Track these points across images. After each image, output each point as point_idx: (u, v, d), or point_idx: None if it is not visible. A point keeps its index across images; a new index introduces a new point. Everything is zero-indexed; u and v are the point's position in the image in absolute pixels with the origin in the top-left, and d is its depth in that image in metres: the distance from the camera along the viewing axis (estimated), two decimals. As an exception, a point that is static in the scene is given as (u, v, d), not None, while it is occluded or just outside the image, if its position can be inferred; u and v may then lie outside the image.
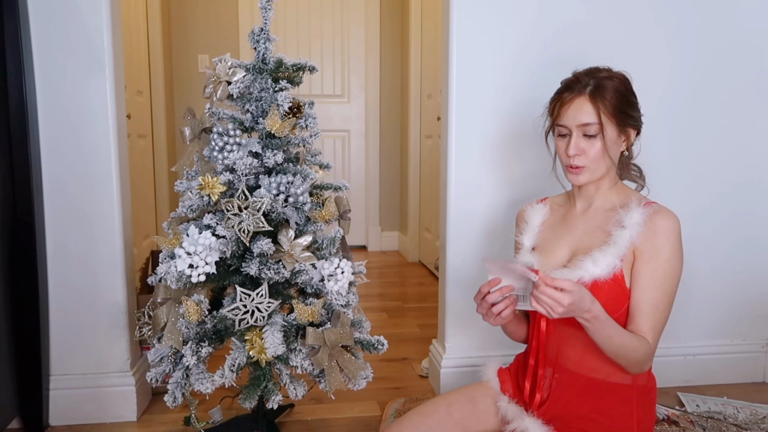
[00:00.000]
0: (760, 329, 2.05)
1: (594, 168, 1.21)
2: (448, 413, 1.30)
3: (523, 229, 1.36)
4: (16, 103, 1.55)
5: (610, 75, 1.21)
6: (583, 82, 1.20)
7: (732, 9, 1.90)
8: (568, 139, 1.22)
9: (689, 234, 1.96)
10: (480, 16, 1.78)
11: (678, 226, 1.18)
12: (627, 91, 1.22)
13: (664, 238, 1.16)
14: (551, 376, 1.24)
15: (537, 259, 1.28)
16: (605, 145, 1.19)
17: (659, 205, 1.21)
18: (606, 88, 1.18)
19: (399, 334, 2.53)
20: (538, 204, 1.38)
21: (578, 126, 1.19)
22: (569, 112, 1.20)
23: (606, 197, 1.27)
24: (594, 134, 1.19)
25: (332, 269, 1.36)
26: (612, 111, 1.18)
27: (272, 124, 1.35)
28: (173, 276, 1.28)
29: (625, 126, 1.21)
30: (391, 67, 4.23)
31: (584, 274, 1.17)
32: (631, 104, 1.22)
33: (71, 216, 1.68)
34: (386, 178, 4.34)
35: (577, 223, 1.29)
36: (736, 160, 1.96)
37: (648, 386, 1.25)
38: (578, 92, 1.19)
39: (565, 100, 1.21)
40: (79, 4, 1.62)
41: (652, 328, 1.17)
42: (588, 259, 1.18)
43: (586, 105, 1.18)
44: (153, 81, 3.44)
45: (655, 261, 1.16)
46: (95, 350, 1.73)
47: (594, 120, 1.18)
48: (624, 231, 1.17)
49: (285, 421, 1.76)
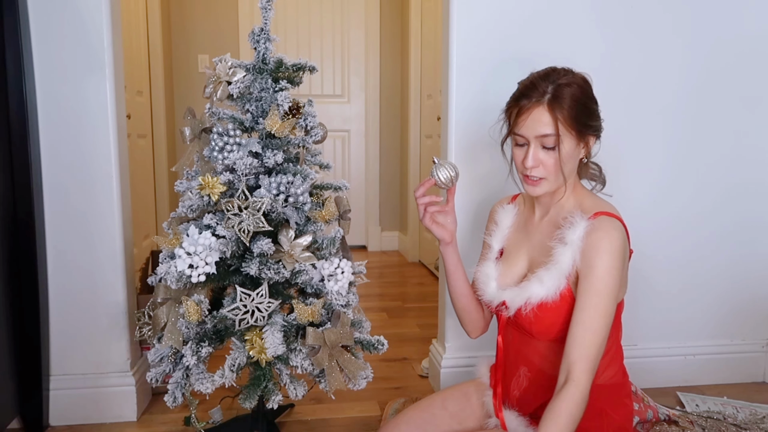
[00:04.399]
0: (760, 329, 2.05)
1: (552, 179, 1.18)
2: (443, 407, 1.36)
3: (492, 231, 1.36)
4: (16, 103, 1.55)
5: (568, 81, 1.14)
6: (541, 88, 1.14)
7: (740, 12, 1.90)
8: (526, 149, 1.17)
9: (693, 236, 2.00)
10: (480, 15, 1.78)
11: (618, 241, 1.11)
12: (586, 99, 1.16)
13: (597, 256, 1.10)
14: (525, 374, 1.27)
15: (500, 268, 1.29)
16: (561, 158, 1.15)
17: (603, 218, 1.14)
18: (564, 97, 1.13)
19: (399, 334, 2.53)
20: (508, 204, 1.38)
21: (536, 137, 1.14)
22: (527, 122, 1.14)
23: (561, 206, 1.24)
24: (552, 146, 1.14)
25: (332, 269, 1.36)
26: (570, 123, 1.13)
27: (272, 124, 1.35)
28: (173, 276, 1.28)
29: (584, 134, 1.17)
30: (391, 67, 4.23)
31: (531, 296, 1.17)
32: (590, 113, 1.17)
33: (71, 216, 1.68)
34: (386, 178, 4.34)
35: (534, 232, 1.28)
36: (740, 163, 1.97)
37: (616, 383, 1.24)
38: (536, 101, 1.13)
39: (522, 109, 1.15)
40: (79, 4, 1.61)
41: (581, 357, 1.09)
42: (534, 279, 1.18)
43: (545, 116, 1.13)
44: (153, 81, 3.44)
45: (588, 279, 1.11)
46: (95, 350, 1.73)
47: (552, 131, 1.13)
48: (566, 248, 1.14)
49: (285, 421, 1.76)
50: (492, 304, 1.27)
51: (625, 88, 1.87)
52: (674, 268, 1.98)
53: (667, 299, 1.99)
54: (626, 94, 1.88)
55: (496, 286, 1.27)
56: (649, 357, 1.97)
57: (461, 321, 1.42)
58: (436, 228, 1.29)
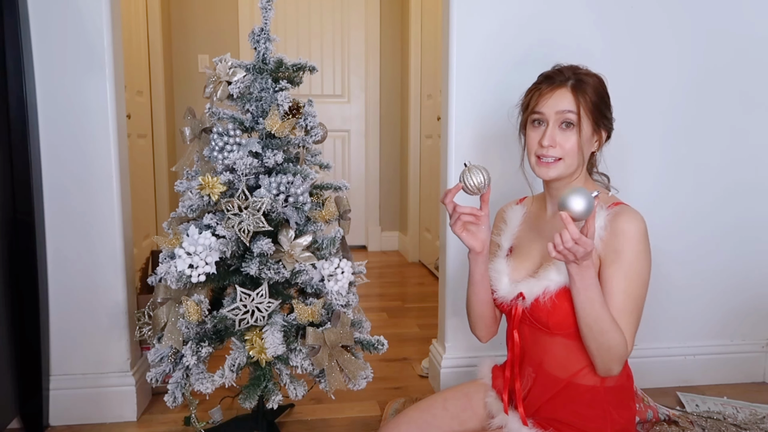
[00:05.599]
0: (760, 329, 2.05)
1: (569, 161, 1.19)
2: (444, 408, 1.35)
3: (501, 230, 1.36)
4: (16, 104, 1.55)
5: (588, 73, 1.22)
6: (566, 74, 1.20)
7: (739, 12, 1.90)
8: (543, 129, 1.20)
9: (692, 236, 2.00)
10: (480, 15, 1.78)
11: (641, 228, 1.14)
12: (604, 92, 1.22)
13: (625, 241, 1.13)
14: (530, 375, 1.26)
15: (511, 264, 1.28)
16: (580, 140, 1.17)
17: (624, 206, 1.17)
18: (587, 83, 1.19)
19: (399, 334, 2.53)
20: (516, 205, 1.38)
21: (557, 113, 1.17)
22: (549, 101, 1.18)
23: None
24: (572, 124, 1.17)
25: (332, 269, 1.36)
26: (590, 107, 1.18)
27: (272, 124, 1.35)
28: (173, 276, 1.28)
29: (599, 125, 1.21)
30: (391, 67, 4.23)
31: (549, 284, 1.17)
32: (607, 105, 1.23)
33: (71, 216, 1.68)
34: (386, 178, 4.34)
35: (547, 227, 1.28)
36: (739, 163, 1.97)
37: (621, 385, 1.24)
38: (559, 83, 1.19)
39: (544, 91, 1.20)
40: (79, 4, 1.61)
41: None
42: (552, 267, 1.18)
43: (568, 95, 1.17)
44: (153, 81, 3.44)
45: (617, 265, 1.13)
46: (95, 350, 1.73)
47: (573, 109, 1.16)
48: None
49: (285, 421, 1.76)
50: (506, 299, 1.25)
51: (625, 88, 1.87)
52: (674, 267, 1.98)
53: (667, 299, 1.99)
54: (626, 93, 1.87)
55: (508, 281, 1.26)
56: (649, 357, 1.97)
57: (474, 326, 1.39)
58: (467, 237, 1.23)
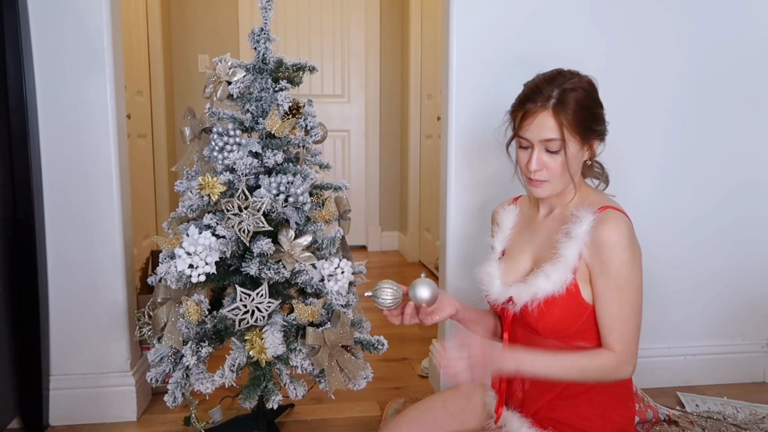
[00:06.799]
0: (760, 329, 2.05)
1: (555, 182, 1.18)
2: (444, 407, 1.35)
3: (495, 232, 1.36)
4: (16, 104, 1.55)
5: (574, 86, 1.14)
6: (546, 93, 1.14)
7: (740, 12, 1.90)
8: (530, 152, 1.17)
9: (692, 236, 2.00)
10: (480, 15, 1.78)
11: (624, 234, 1.12)
12: (591, 103, 1.17)
13: (610, 252, 1.11)
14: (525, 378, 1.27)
15: (503, 267, 1.29)
16: (567, 161, 1.15)
17: (608, 211, 1.15)
18: (569, 102, 1.13)
19: (399, 334, 2.53)
20: (509, 205, 1.38)
21: (540, 141, 1.15)
22: (532, 126, 1.15)
23: (566, 203, 1.24)
24: (556, 150, 1.15)
25: (332, 269, 1.36)
26: (575, 127, 1.13)
27: (272, 124, 1.35)
28: (173, 276, 1.28)
29: (588, 140, 1.18)
30: (391, 67, 4.23)
31: (537, 291, 1.17)
32: (595, 117, 1.17)
33: (71, 216, 1.68)
34: (386, 177, 4.34)
35: (539, 229, 1.28)
36: (740, 163, 1.97)
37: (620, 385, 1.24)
38: (541, 105, 1.13)
39: (527, 113, 1.15)
40: (79, 4, 1.61)
41: (618, 339, 1.14)
42: (541, 274, 1.18)
43: (549, 120, 1.13)
44: (153, 81, 3.44)
45: (605, 276, 1.13)
46: (95, 350, 1.73)
47: (556, 136, 1.13)
48: (571, 241, 1.15)
49: (285, 421, 1.76)
50: (498, 302, 1.27)
51: (625, 88, 1.87)
52: (674, 267, 1.98)
53: (667, 299, 1.99)
54: (626, 93, 1.88)
55: (500, 284, 1.27)
56: (649, 357, 1.97)
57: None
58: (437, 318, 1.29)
